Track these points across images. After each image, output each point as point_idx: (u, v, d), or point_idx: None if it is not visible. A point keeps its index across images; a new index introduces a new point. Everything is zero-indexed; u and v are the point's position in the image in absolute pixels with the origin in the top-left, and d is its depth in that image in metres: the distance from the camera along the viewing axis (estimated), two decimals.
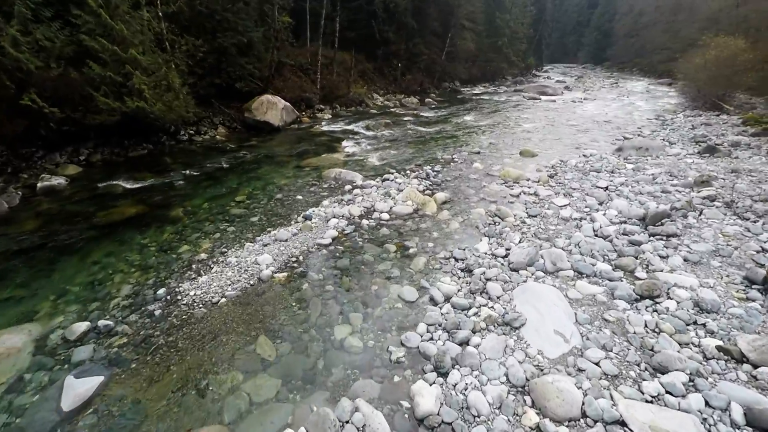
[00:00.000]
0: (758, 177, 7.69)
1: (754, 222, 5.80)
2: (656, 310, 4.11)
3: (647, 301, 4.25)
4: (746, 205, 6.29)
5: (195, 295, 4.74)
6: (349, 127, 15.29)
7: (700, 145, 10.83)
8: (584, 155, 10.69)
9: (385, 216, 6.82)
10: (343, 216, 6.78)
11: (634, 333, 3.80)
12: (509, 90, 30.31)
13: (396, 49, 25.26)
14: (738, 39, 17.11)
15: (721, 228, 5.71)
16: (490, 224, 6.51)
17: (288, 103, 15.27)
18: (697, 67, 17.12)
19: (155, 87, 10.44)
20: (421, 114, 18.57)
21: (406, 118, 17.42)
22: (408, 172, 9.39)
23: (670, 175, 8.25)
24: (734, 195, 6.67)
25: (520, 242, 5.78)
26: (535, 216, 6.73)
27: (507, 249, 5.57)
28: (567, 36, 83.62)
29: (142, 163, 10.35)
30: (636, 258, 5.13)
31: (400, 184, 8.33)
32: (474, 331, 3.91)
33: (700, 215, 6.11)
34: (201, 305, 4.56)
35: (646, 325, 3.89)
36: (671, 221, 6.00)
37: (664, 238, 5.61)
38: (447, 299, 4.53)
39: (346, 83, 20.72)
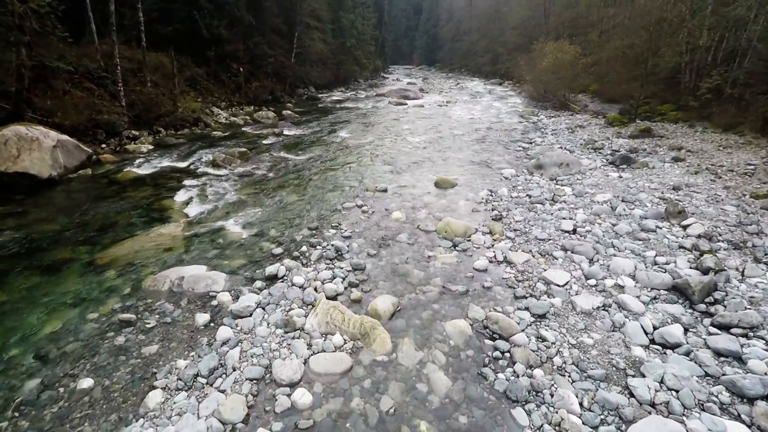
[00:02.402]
0: (707, 194, 6.99)
1: None
2: None
3: None
4: (759, 246, 5.07)
5: None
6: (185, 164, 10.35)
7: (599, 152, 10.44)
8: (505, 177, 9.00)
9: (303, 398, 3.19)
10: None
11: None
12: (370, 95, 28.63)
13: (234, 49, 20.30)
14: (566, 44, 18.81)
15: None
16: (498, 361, 3.63)
17: (67, 136, 9.33)
18: (544, 70, 18.14)
19: None
20: (285, 133, 14.66)
21: (266, 141, 13.27)
22: (305, 249, 5.76)
23: (623, 201, 6.96)
24: (727, 230, 5.46)
25: (583, 408, 3.08)
26: (544, 316, 4.18)
27: None
28: (401, 39, 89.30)
29: None
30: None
31: (303, 287, 4.69)
32: None
33: (743, 276, 4.52)
34: None
35: None
36: (723, 292, 4.24)
37: (748, 330, 3.73)
38: None
39: (171, 96, 15.06)
